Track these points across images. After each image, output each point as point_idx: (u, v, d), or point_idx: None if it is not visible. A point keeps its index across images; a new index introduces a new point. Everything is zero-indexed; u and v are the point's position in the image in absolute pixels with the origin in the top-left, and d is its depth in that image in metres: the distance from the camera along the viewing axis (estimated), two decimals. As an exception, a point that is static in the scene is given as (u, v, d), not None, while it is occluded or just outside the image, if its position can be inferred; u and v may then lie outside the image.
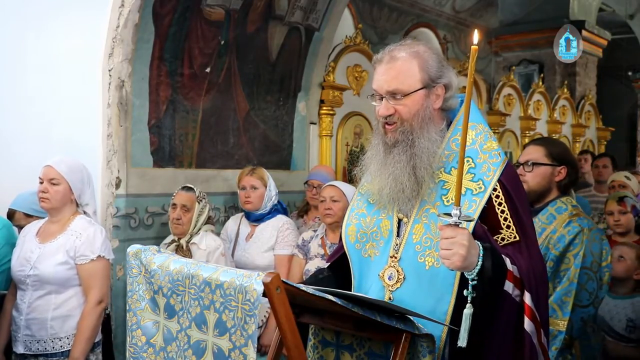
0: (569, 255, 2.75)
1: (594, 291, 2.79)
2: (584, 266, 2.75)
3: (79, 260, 2.98)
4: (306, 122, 5.09)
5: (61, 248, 2.99)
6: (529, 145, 3.05)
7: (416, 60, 1.92)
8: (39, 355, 2.98)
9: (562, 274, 2.74)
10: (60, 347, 2.98)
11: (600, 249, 2.86)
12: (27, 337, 2.97)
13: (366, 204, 2.06)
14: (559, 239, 2.77)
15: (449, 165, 1.93)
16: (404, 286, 1.89)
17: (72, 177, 3.05)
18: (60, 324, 2.97)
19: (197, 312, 1.59)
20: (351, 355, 1.90)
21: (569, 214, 2.84)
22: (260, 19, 4.49)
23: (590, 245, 2.78)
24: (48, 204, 3.03)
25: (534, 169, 2.86)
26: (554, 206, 2.87)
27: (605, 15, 11.96)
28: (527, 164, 2.88)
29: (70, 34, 3.95)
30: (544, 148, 2.92)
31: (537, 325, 1.83)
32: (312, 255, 3.72)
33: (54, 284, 2.97)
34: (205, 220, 3.68)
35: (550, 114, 8.94)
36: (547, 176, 2.88)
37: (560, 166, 2.88)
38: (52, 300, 2.97)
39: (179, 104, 4.12)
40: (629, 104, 14.48)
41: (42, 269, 2.96)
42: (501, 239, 1.88)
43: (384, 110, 1.93)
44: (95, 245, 3.01)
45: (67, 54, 3.96)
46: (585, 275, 2.75)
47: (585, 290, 2.76)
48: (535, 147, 2.95)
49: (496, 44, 10.93)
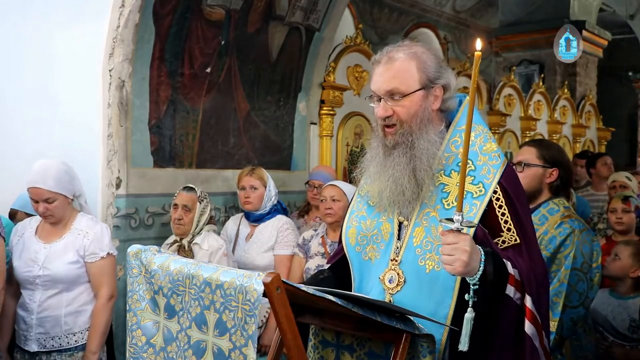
0: (559, 257, 2.77)
1: (584, 292, 2.80)
2: (575, 267, 2.77)
3: (89, 259, 3.06)
4: (306, 122, 5.09)
5: (70, 247, 3.05)
6: (523, 146, 3.09)
7: (414, 61, 1.92)
8: (52, 352, 3.05)
9: (552, 275, 2.75)
10: (75, 342, 3.07)
11: (591, 250, 2.87)
12: (40, 335, 3.03)
13: (366, 206, 2.06)
14: (550, 240, 2.79)
15: (449, 168, 1.92)
16: (404, 289, 1.89)
17: (63, 186, 3.05)
18: (74, 319, 3.06)
19: (197, 312, 1.59)
20: (351, 355, 1.90)
21: (561, 215, 2.85)
22: (260, 19, 4.49)
23: (581, 246, 2.80)
24: (54, 219, 3.08)
25: (525, 169, 2.89)
26: (546, 207, 2.89)
27: (606, 15, 11.96)
28: (519, 164, 2.91)
29: (71, 34, 3.95)
30: (537, 149, 2.95)
31: (538, 327, 1.83)
32: (313, 253, 3.72)
33: (66, 282, 3.04)
34: (207, 221, 3.67)
35: (551, 114, 8.94)
36: (537, 177, 2.90)
37: (552, 168, 2.90)
38: (64, 298, 3.05)
39: (179, 104, 4.12)
40: (630, 104, 14.48)
41: (53, 269, 3.01)
42: (502, 242, 1.88)
43: (382, 112, 1.93)
44: (104, 243, 3.10)
45: (68, 54, 3.96)
46: (575, 276, 2.77)
47: (575, 292, 2.77)
48: (528, 148, 2.99)
49: (496, 44, 10.94)
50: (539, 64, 10.40)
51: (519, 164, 2.91)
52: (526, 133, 8.27)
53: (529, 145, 3.06)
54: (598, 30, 10.59)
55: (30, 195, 3.05)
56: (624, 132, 14.24)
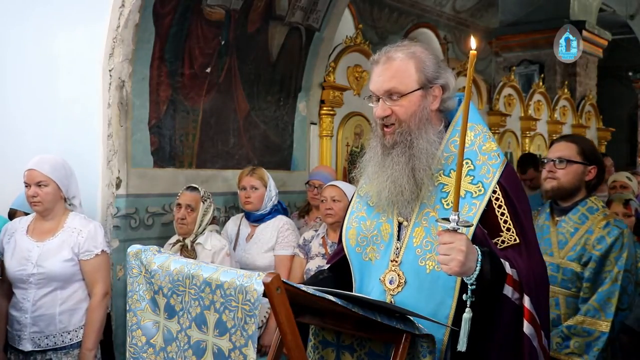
0: (610, 258, 2.72)
1: (632, 294, 2.77)
2: (626, 268, 2.72)
3: (84, 256, 3.07)
4: (306, 122, 5.09)
5: (64, 245, 3.05)
6: (560, 142, 2.97)
7: (413, 61, 1.92)
8: (47, 350, 3.05)
9: (604, 276, 2.71)
10: (69, 340, 3.07)
11: (635, 251, 2.84)
12: (34, 334, 3.03)
13: (366, 207, 2.06)
14: (599, 240, 2.74)
15: (448, 168, 1.92)
16: (405, 290, 1.89)
17: (58, 175, 3.09)
18: (68, 317, 3.07)
19: (197, 312, 1.59)
20: (352, 355, 1.90)
21: (603, 214, 2.82)
22: (260, 19, 4.50)
23: (630, 247, 2.76)
24: (41, 207, 3.07)
25: (567, 166, 2.82)
26: (584, 206, 2.84)
27: (606, 15, 11.96)
28: (560, 160, 2.83)
29: (71, 34, 3.95)
30: (577, 146, 2.88)
31: (536, 327, 1.83)
32: (313, 254, 3.72)
33: (60, 280, 3.04)
34: (210, 220, 3.67)
35: (551, 114, 8.94)
36: (578, 174, 2.84)
37: (591, 166, 2.85)
38: (59, 296, 3.05)
39: (179, 104, 4.12)
40: (630, 104, 14.49)
41: (47, 267, 3.01)
42: (501, 242, 1.87)
43: (380, 111, 1.93)
44: (98, 240, 3.11)
45: (68, 54, 3.96)
46: (626, 278, 2.73)
47: (625, 294, 2.73)
48: (568, 144, 2.89)
49: (496, 44, 10.94)
50: (539, 64, 10.40)
51: (560, 161, 2.83)
52: (526, 133, 8.26)
53: (567, 140, 2.95)
54: (598, 30, 10.59)
55: (24, 180, 3.07)
56: (624, 132, 14.25)
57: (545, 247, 2.81)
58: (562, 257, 2.81)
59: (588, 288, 2.74)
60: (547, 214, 2.95)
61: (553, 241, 2.85)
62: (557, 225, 2.88)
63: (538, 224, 2.91)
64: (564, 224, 2.86)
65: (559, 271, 2.81)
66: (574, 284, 2.78)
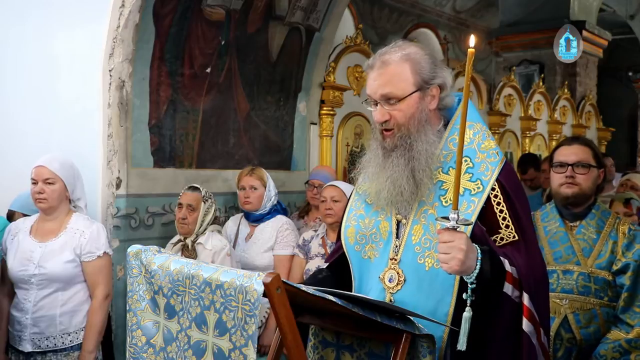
0: None
1: None
2: None
3: (86, 258, 3.07)
4: (306, 122, 5.09)
5: (66, 246, 3.05)
6: (572, 145, 2.78)
7: (408, 64, 1.90)
8: (47, 352, 3.04)
9: None
10: (70, 341, 3.07)
11: None
12: (35, 335, 3.03)
13: (364, 205, 2.06)
14: (627, 246, 2.62)
15: (447, 165, 1.92)
16: (404, 288, 1.89)
17: (66, 175, 3.11)
18: (69, 319, 3.06)
19: (197, 312, 1.59)
20: (351, 355, 1.90)
21: (616, 218, 2.73)
22: (260, 19, 4.50)
23: None
24: (45, 204, 3.07)
25: (588, 171, 2.67)
26: (598, 210, 2.73)
27: (606, 15, 11.96)
28: (582, 165, 2.68)
29: (71, 34, 3.95)
30: (591, 149, 2.73)
31: (536, 325, 1.83)
32: (313, 254, 3.72)
33: (61, 281, 3.04)
34: (211, 220, 3.68)
35: (551, 114, 8.94)
36: (595, 179, 2.71)
37: (601, 169, 2.76)
38: (59, 297, 3.05)
39: (179, 104, 4.12)
40: (630, 104, 14.48)
41: (49, 268, 3.01)
42: (500, 239, 1.88)
43: (379, 116, 1.92)
44: (100, 242, 3.11)
45: (68, 54, 3.96)
46: None
47: None
48: (583, 148, 2.73)
49: (497, 45, 10.94)
50: (539, 64, 10.40)
51: (582, 166, 2.67)
52: (526, 133, 8.26)
53: (580, 144, 2.77)
54: (598, 31, 10.59)
55: (32, 176, 3.07)
56: (624, 132, 14.24)
57: (568, 255, 2.68)
58: (590, 266, 2.65)
59: (629, 297, 2.59)
60: (559, 220, 2.77)
61: (576, 249, 2.69)
62: (576, 231, 2.72)
63: (550, 230, 2.77)
64: (583, 230, 2.71)
65: (591, 280, 2.64)
66: (605, 292, 2.64)
